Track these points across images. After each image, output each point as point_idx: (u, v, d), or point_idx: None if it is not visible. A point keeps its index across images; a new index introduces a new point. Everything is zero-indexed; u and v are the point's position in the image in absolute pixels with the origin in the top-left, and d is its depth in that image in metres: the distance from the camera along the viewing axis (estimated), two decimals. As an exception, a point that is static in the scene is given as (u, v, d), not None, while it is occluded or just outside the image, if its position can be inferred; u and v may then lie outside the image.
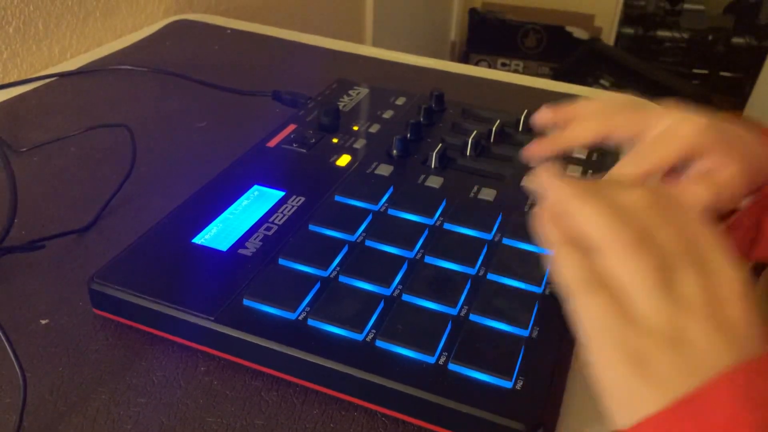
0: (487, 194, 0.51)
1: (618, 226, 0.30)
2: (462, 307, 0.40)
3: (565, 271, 0.31)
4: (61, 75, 0.73)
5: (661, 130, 0.41)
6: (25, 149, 0.59)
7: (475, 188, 0.51)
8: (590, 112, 0.44)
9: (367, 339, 0.38)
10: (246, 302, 0.40)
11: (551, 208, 0.34)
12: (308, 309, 0.39)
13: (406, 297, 0.40)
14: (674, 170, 0.41)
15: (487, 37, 2.48)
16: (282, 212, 0.47)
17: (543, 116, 0.46)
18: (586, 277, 0.30)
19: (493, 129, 0.57)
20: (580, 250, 0.31)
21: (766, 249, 0.43)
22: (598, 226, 0.31)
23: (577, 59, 2.23)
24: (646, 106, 0.43)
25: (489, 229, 0.46)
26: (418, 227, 0.46)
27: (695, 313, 0.28)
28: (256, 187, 0.50)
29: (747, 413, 0.26)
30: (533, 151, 0.44)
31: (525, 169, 0.54)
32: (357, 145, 0.56)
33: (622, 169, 0.41)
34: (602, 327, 0.29)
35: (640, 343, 0.28)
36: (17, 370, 0.36)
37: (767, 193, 0.42)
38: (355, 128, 0.59)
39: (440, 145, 0.55)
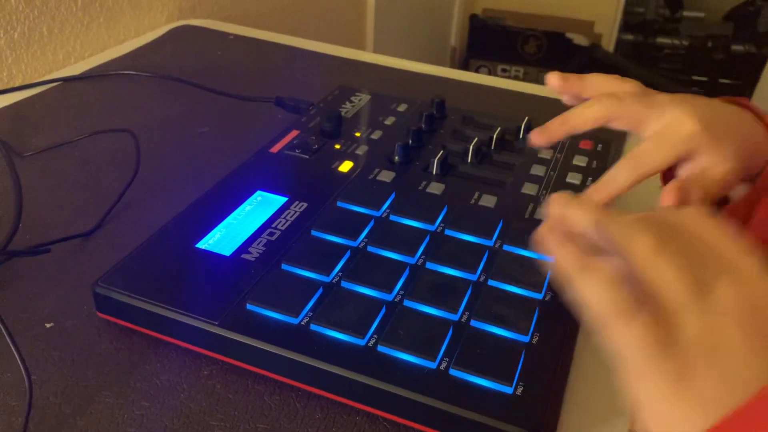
0: (488, 201, 0.51)
1: (637, 231, 0.29)
2: (463, 313, 0.40)
3: (594, 298, 0.29)
4: (65, 80, 0.74)
5: (657, 129, 0.41)
6: (29, 154, 0.60)
7: (476, 195, 0.52)
8: (596, 94, 0.44)
9: (369, 344, 0.38)
10: (249, 307, 0.40)
11: (559, 227, 0.32)
12: (311, 314, 0.40)
13: (407, 303, 0.41)
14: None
15: (487, 44, 2.49)
16: (285, 218, 0.48)
17: (553, 81, 0.45)
18: (617, 303, 0.28)
19: (494, 136, 0.58)
20: (602, 273, 0.29)
21: (753, 234, 0.44)
22: (620, 236, 0.29)
23: (577, 66, 2.24)
24: (650, 96, 0.43)
25: (490, 236, 0.46)
26: (420, 233, 0.46)
27: (733, 320, 0.27)
28: (259, 192, 0.50)
29: None
30: (540, 137, 0.44)
31: (526, 176, 0.54)
32: (359, 152, 0.57)
33: (618, 174, 0.41)
34: (641, 353, 0.27)
35: (680, 360, 0.27)
36: (23, 373, 0.37)
37: (761, 184, 0.43)
38: (357, 134, 0.59)
39: (441, 151, 0.55)
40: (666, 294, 0.28)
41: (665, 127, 0.41)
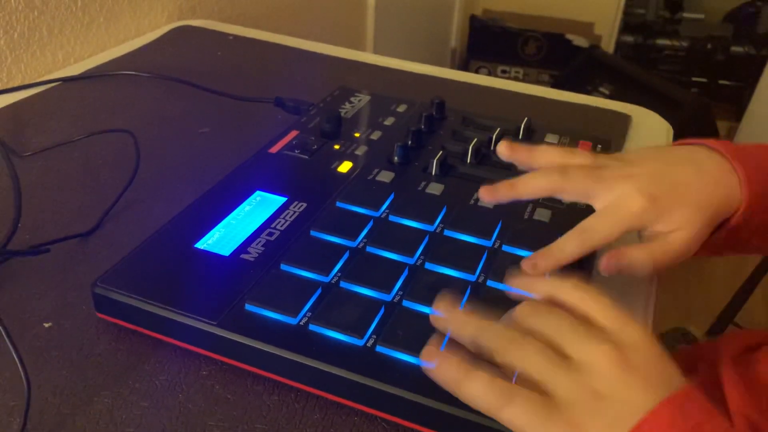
0: (487, 201, 0.51)
1: (500, 331, 0.34)
2: (462, 314, 0.40)
3: (477, 399, 0.32)
4: (65, 80, 0.74)
5: (606, 205, 0.42)
6: (29, 154, 0.60)
7: (476, 195, 0.52)
8: (546, 164, 0.45)
9: (368, 344, 0.38)
10: (248, 307, 0.40)
11: (437, 349, 0.35)
12: (309, 314, 0.40)
13: (406, 303, 0.41)
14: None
15: (487, 44, 2.49)
16: (284, 218, 0.48)
17: (501, 151, 0.46)
18: (496, 393, 0.32)
19: (494, 136, 0.58)
20: (477, 376, 0.33)
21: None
22: (488, 338, 0.34)
23: (576, 67, 2.24)
24: (600, 170, 0.43)
25: (489, 236, 0.46)
26: (419, 234, 0.46)
27: (601, 371, 0.31)
28: (258, 192, 0.50)
29: None
30: (486, 196, 0.45)
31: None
32: (358, 152, 0.57)
33: (566, 245, 0.42)
34: (532, 424, 0.31)
35: (564, 418, 0.31)
36: (21, 372, 0.37)
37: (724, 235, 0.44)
38: (357, 135, 0.59)
39: (441, 152, 0.55)
40: (533, 375, 0.32)
41: (613, 202, 0.42)
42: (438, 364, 0.34)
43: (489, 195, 0.45)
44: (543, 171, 0.44)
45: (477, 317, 0.35)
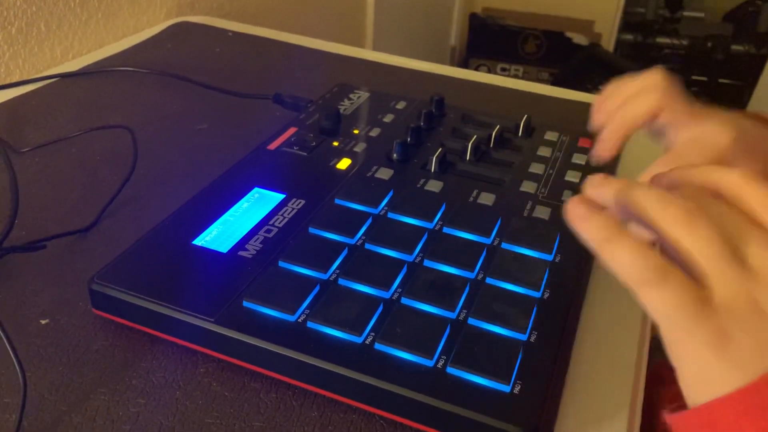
0: (487, 199, 0.51)
1: (668, 203, 0.29)
2: (461, 311, 0.40)
3: (624, 265, 0.28)
4: (63, 76, 0.74)
5: (692, 136, 0.42)
6: (26, 150, 0.60)
7: (475, 193, 0.51)
8: (645, 87, 0.44)
9: (366, 342, 0.38)
10: (246, 304, 0.40)
11: (587, 201, 0.31)
12: (308, 311, 0.39)
13: (405, 300, 0.41)
14: None
15: (487, 42, 2.49)
16: (282, 215, 0.47)
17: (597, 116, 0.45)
18: (649, 268, 0.28)
19: (493, 134, 0.58)
20: (629, 241, 0.28)
21: None
22: (650, 206, 0.29)
23: (576, 65, 2.24)
24: (687, 99, 0.43)
25: (488, 234, 0.46)
26: (418, 231, 0.46)
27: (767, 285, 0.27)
28: (256, 189, 0.50)
29: None
30: (601, 148, 0.44)
31: (525, 174, 0.54)
32: (357, 149, 0.57)
33: (656, 168, 0.39)
34: (677, 316, 0.27)
35: (717, 323, 0.27)
36: (17, 369, 0.37)
37: None
38: (356, 132, 0.59)
39: (440, 149, 0.55)
40: (697, 260, 0.28)
41: (700, 134, 0.41)
42: (587, 216, 0.30)
43: (606, 147, 0.44)
44: (644, 89, 0.44)
45: (639, 183, 0.30)
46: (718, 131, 0.41)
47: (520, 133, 0.59)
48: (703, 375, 0.28)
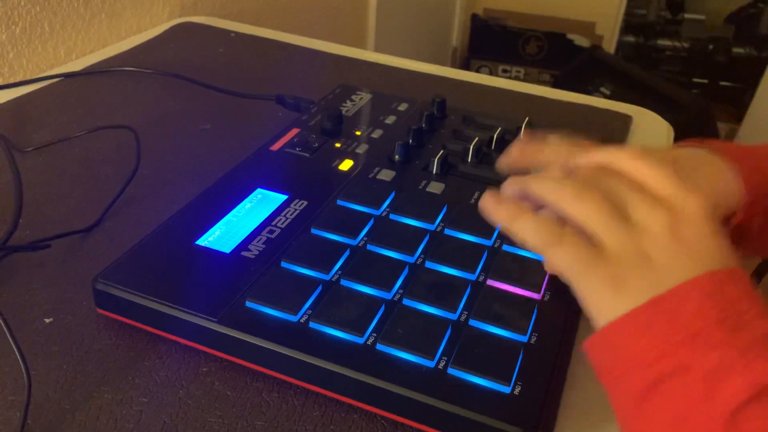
0: (488, 201, 0.51)
1: (560, 185, 0.36)
2: (462, 313, 0.40)
3: (528, 234, 0.35)
4: (67, 75, 0.74)
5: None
6: (30, 149, 0.60)
7: (476, 194, 0.52)
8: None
9: (368, 342, 0.38)
10: (248, 304, 0.40)
11: (495, 195, 0.38)
12: (310, 312, 0.40)
13: (406, 301, 0.41)
14: None
15: (488, 44, 2.49)
16: (285, 215, 0.48)
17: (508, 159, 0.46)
18: (548, 233, 0.35)
19: (495, 136, 0.58)
20: (529, 215, 0.36)
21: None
22: (546, 191, 0.36)
23: (577, 67, 2.24)
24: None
25: (489, 236, 0.46)
26: (419, 232, 0.46)
27: (654, 235, 0.33)
28: (259, 190, 0.50)
29: (713, 305, 0.31)
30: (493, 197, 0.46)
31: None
32: (359, 150, 0.57)
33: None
34: (577, 268, 0.34)
35: (610, 270, 0.33)
36: (22, 368, 0.37)
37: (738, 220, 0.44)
38: (358, 133, 0.59)
39: (442, 151, 0.55)
40: (590, 225, 0.34)
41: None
42: (495, 202, 0.36)
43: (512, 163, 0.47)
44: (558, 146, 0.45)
45: (538, 175, 0.37)
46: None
47: (521, 135, 0.60)
48: (602, 307, 0.33)
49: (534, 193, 0.37)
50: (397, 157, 0.56)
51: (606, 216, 0.34)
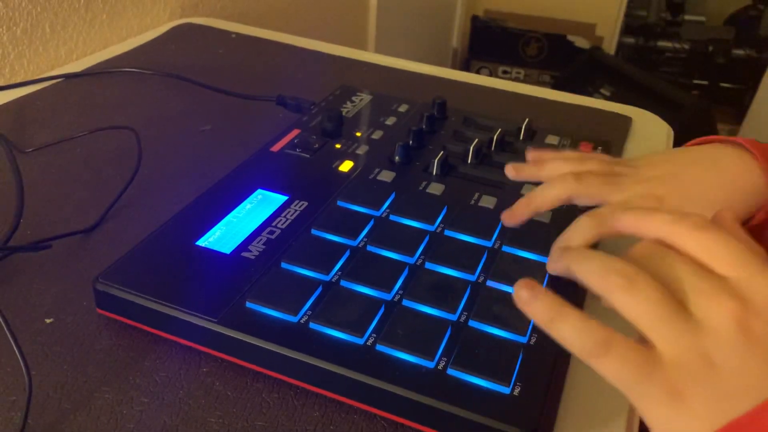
0: (488, 202, 0.51)
1: (607, 271, 0.30)
2: (461, 313, 0.41)
3: (569, 341, 0.30)
4: (67, 76, 0.74)
5: (619, 201, 0.42)
6: (31, 150, 0.60)
7: (476, 196, 0.52)
8: (558, 171, 0.45)
9: (368, 343, 0.38)
10: (249, 305, 0.40)
11: (530, 284, 0.32)
12: (310, 312, 0.40)
13: (406, 302, 0.41)
14: None
15: (488, 45, 2.49)
16: (285, 216, 0.48)
17: (508, 173, 0.47)
18: (592, 341, 0.29)
19: (495, 137, 0.58)
20: (571, 318, 0.30)
21: None
22: (592, 276, 0.31)
23: (577, 68, 2.24)
24: (614, 177, 0.43)
25: (489, 237, 0.47)
26: (419, 233, 0.46)
27: (718, 334, 0.27)
28: (259, 191, 0.51)
29: None
30: (508, 220, 0.46)
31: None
32: (359, 151, 0.57)
33: (574, 234, 0.38)
34: (627, 380, 0.29)
35: (667, 380, 0.28)
36: (23, 368, 0.37)
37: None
38: (358, 134, 0.60)
39: (442, 152, 0.55)
40: (642, 325, 0.29)
41: (623, 202, 0.42)
42: (530, 298, 0.30)
43: (510, 218, 0.45)
44: (558, 179, 0.44)
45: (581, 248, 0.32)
46: (638, 198, 0.41)
47: (521, 137, 0.60)
48: (663, 422, 0.28)
49: (579, 276, 0.32)
50: (397, 158, 0.56)
51: (660, 315, 0.28)
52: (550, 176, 0.45)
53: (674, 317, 0.28)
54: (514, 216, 0.45)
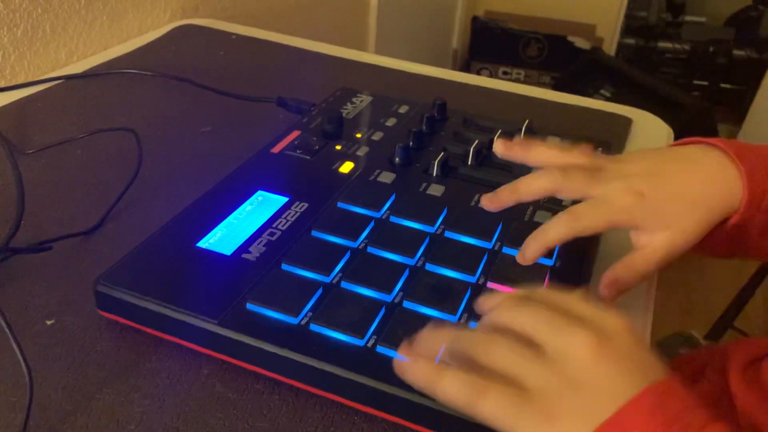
0: (488, 203, 0.51)
1: (471, 334, 0.34)
2: (462, 315, 0.41)
3: (451, 396, 0.32)
4: (68, 78, 0.74)
5: (597, 196, 0.43)
6: (32, 151, 0.60)
7: (476, 197, 0.52)
8: (543, 163, 0.45)
9: (369, 344, 0.38)
10: (249, 306, 0.40)
11: (409, 352, 0.34)
12: (310, 314, 0.40)
13: (407, 304, 0.41)
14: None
15: (489, 46, 2.49)
16: (285, 218, 0.48)
17: (497, 148, 0.47)
18: (469, 389, 0.32)
19: (495, 138, 0.58)
20: (448, 374, 0.32)
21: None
22: (463, 344, 0.34)
23: (578, 69, 2.24)
24: (597, 171, 0.44)
25: (489, 238, 0.47)
26: (420, 235, 0.47)
27: (576, 358, 0.31)
28: (260, 192, 0.51)
29: (658, 424, 0.29)
30: (488, 203, 0.46)
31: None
32: (360, 153, 0.57)
33: (552, 229, 0.42)
34: (505, 414, 0.31)
35: (538, 406, 0.31)
36: (24, 369, 0.37)
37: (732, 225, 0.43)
38: (358, 136, 0.60)
39: (442, 153, 0.55)
40: (503, 367, 0.32)
41: (604, 195, 0.43)
42: (411, 365, 0.33)
43: (491, 202, 0.46)
44: (544, 171, 0.44)
45: (448, 329, 0.35)
46: (618, 193, 0.42)
47: (521, 138, 0.60)
48: None
49: (456, 354, 0.35)
50: (397, 159, 0.56)
51: (516, 354, 0.32)
52: (536, 160, 0.46)
53: (535, 358, 0.32)
54: (496, 200, 0.45)
